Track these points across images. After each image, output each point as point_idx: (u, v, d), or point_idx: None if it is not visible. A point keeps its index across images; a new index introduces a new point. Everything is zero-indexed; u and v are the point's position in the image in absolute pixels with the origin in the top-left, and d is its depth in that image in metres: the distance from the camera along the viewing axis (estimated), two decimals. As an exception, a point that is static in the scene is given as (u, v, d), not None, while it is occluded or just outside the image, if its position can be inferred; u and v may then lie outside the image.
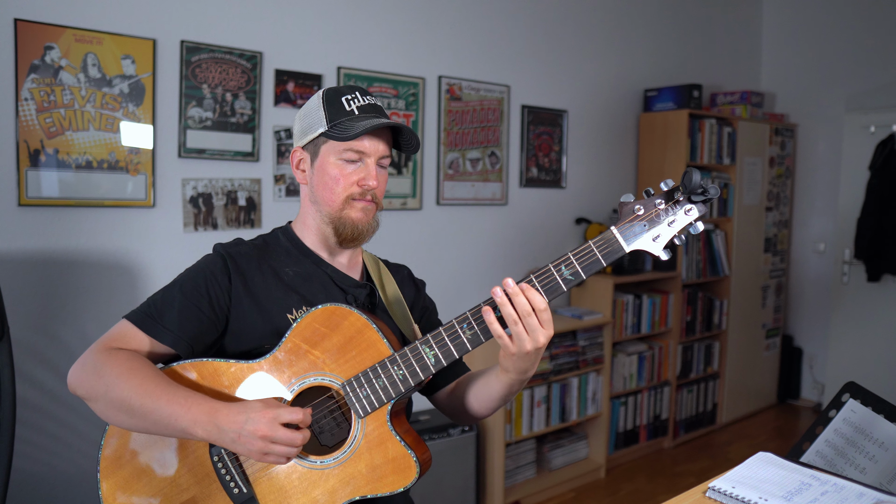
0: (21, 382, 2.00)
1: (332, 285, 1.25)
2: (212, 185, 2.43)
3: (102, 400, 1.07)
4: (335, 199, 1.21)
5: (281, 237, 1.29)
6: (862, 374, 3.85)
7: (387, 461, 1.07)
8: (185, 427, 1.03)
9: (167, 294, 1.16)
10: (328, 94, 1.22)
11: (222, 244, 1.24)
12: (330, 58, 2.69)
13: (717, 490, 0.90)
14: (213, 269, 1.18)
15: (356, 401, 1.08)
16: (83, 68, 2.15)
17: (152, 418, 1.04)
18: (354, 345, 1.10)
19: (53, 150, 2.12)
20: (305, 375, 1.10)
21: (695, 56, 4.27)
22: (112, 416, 1.08)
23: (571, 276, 1.02)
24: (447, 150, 3.06)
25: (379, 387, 1.07)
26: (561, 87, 3.51)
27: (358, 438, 1.08)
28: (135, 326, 1.13)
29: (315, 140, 1.23)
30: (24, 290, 2.10)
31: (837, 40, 4.35)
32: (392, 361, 1.08)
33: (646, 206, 1.00)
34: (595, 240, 1.01)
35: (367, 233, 1.23)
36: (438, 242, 3.06)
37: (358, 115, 1.20)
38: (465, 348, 1.06)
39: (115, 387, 1.05)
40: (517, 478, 3.12)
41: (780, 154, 4.36)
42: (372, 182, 1.20)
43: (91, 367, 1.09)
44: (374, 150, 1.21)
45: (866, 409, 1.15)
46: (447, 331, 1.06)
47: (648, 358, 3.63)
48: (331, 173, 1.20)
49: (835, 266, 4.20)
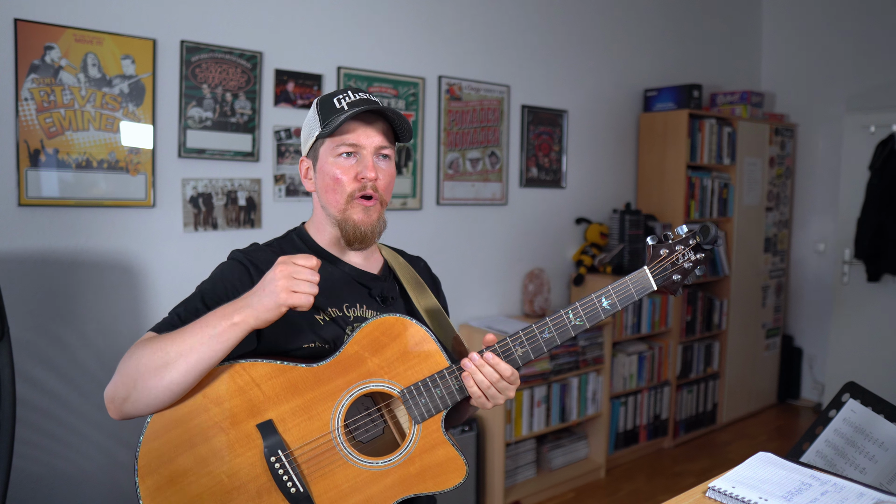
0: (21, 382, 2.00)
1: (353, 283, 1.26)
2: (212, 185, 2.43)
3: (140, 379, 1.03)
4: (338, 199, 1.21)
5: (296, 239, 1.30)
6: (862, 374, 3.85)
7: (440, 462, 1.16)
8: (223, 325, 1.03)
9: (189, 305, 1.15)
10: (321, 99, 1.24)
11: (240, 250, 1.23)
12: (330, 58, 2.69)
13: (717, 490, 0.90)
14: (233, 278, 1.18)
15: (414, 407, 1.14)
16: (83, 68, 2.15)
17: (192, 343, 1.02)
18: (413, 355, 1.15)
19: (53, 150, 2.12)
20: (365, 381, 1.14)
21: (695, 56, 4.27)
22: (159, 388, 1.03)
23: (615, 303, 1.16)
24: (447, 150, 3.06)
25: (437, 396, 1.15)
26: (561, 87, 3.51)
27: (414, 442, 1.15)
28: (157, 335, 1.11)
29: (314, 145, 1.24)
30: (24, 290, 2.10)
31: (837, 40, 4.35)
32: (451, 373, 1.15)
33: (669, 249, 1.17)
34: (630, 276, 1.17)
35: (371, 234, 1.23)
36: (438, 242, 3.06)
37: (347, 110, 1.19)
38: (517, 364, 1.16)
39: (143, 357, 1.04)
40: (517, 478, 3.12)
41: (780, 154, 4.36)
42: (369, 173, 1.19)
43: (117, 372, 1.07)
44: (368, 141, 1.21)
45: (866, 409, 1.15)
46: (501, 347, 1.15)
47: (648, 358, 3.63)
48: (330, 173, 1.21)
49: (835, 266, 4.20)
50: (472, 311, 3.19)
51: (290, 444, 1.11)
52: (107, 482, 2.27)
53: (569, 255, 3.63)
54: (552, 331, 1.15)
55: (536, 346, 1.15)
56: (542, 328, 1.15)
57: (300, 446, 1.12)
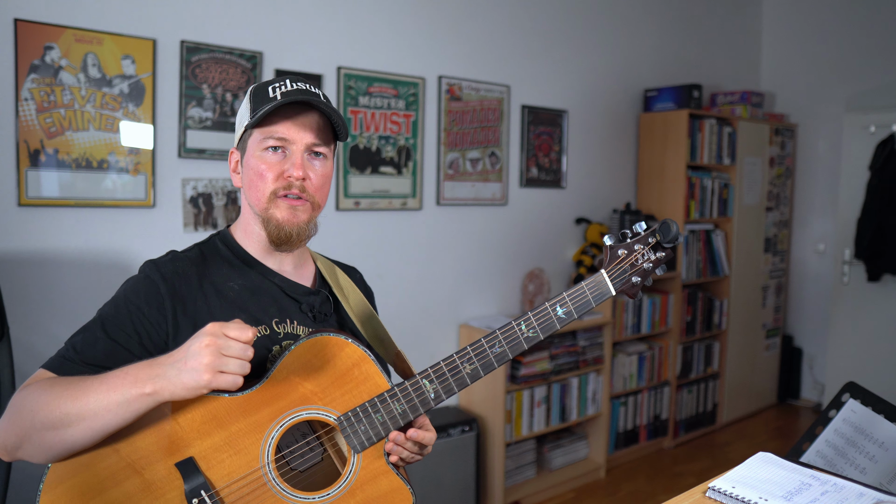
0: (21, 382, 2.00)
1: (283, 297, 1.14)
2: (212, 185, 2.43)
3: (33, 432, 0.92)
4: (260, 195, 1.09)
5: (220, 246, 1.16)
6: (862, 374, 3.85)
7: (383, 494, 1.06)
8: (133, 394, 0.89)
9: (88, 334, 1.02)
10: (256, 87, 1.13)
11: (153, 262, 1.09)
12: (330, 58, 2.69)
13: (717, 490, 0.90)
14: (139, 300, 1.04)
15: (353, 435, 1.04)
16: (83, 68, 2.15)
17: (92, 409, 0.90)
18: (351, 377, 1.05)
19: (53, 150, 2.12)
20: (297, 409, 1.04)
21: (695, 56, 4.27)
22: (52, 443, 0.92)
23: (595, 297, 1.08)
24: (447, 150, 3.06)
25: (378, 421, 1.05)
26: (561, 87, 3.51)
27: (354, 472, 1.06)
28: (50, 373, 0.98)
29: (243, 136, 1.13)
30: (24, 290, 2.10)
31: (837, 40, 4.35)
32: (392, 396, 1.05)
33: (627, 249, 1.08)
34: (587, 281, 1.08)
35: (295, 235, 1.10)
36: (438, 242, 3.06)
37: (280, 100, 1.07)
38: (464, 383, 1.06)
39: (38, 410, 0.91)
40: (517, 478, 3.12)
41: (780, 154, 4.36)
42: (295, 172, 1.07)
43: (7, 415, 0.95)
44: (298, 136, 1.08)
45: (866, 409, 1.15)
46: (448, 365, 1.06)
47: (648, 358, 3.63)
48: (254, 167, 1.09)
49: (835, 266, 4.20)
50: (472, 312, 3.19)
51: (214, 483, 1.00)
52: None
53: (569, 255, 3.63)
54: (503, 344, 1.05)
55: (486, 362, 1.05)
56: (493, 342, 1.05)
57: (227, 485, 1.00)
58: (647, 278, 1.09)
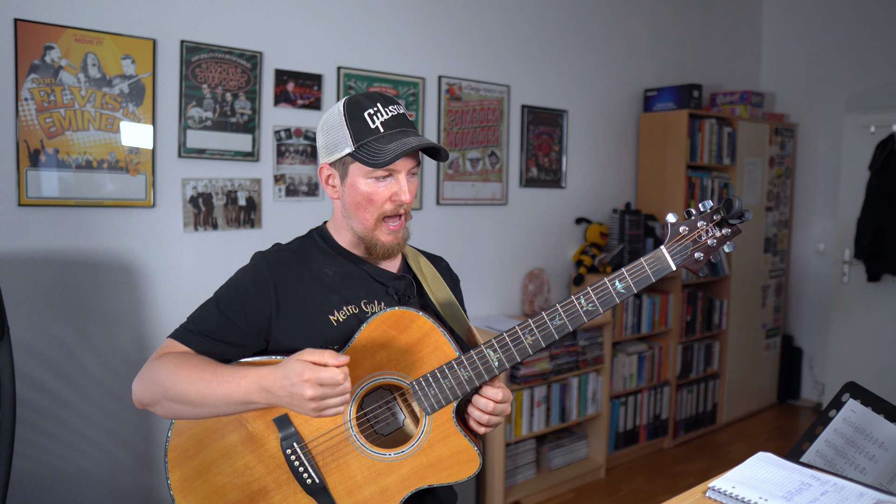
0: (21, 382, 2.00)
1: (371, 281, 1.27)
2: (212, 185, 2.43)
3: (164, 401, 1.13)
4: (368, 219, 1.21)
5: (317, 238, 1.31)
6: (862, 374, 3.85)
7: (452, 454, 1.17)
8: (243, 400, 1.09)
9: (205, 310, 1.20)
10: (350, 108, 1.19)
11: (262, 253, 1.25)
12: (330, 58, 2.69)
13: (717, 490, 0.90)
14: (248, 283, 1.20)
15: (424, 399, 1.16)
16: (83, 68, 2.15)
17: (212, 402, 1.10)
18: (422, 346, 1.16)
19: (53, 150, 2.12)
20: (374, 374, 1.16)
21: (695, 56, 4.27)
22: (179, 412, 1.14)
23: (636, 282, 1.12)
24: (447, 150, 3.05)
25: (447, 387, 1.15)
26: (561, 87, 3.51)
27: (426, 433, 1.17)
28: (176, 341, 1.18)
29: (343, 159, 1.21)
30: (24, 290, 2.10)
31: (837, 40, 4.35)
32: (459, 363, 1.15)
33: (690, 226, 1.11)
34: (646, 257, 1.11)
35: (397, 250, 1.25)
36: (438, 242, 3.06)
37: (384, 132, 1.17)
38: (526, 352, 1.15)
39: (169, 386, 1.11)
40: (517, 478, 3.12)
41: (780, 154, 4.36)
42: (405, 197, 1.20)
43: (147, 377, 1.15)
44: (404, 165, 1.19)
45: (866, 409, 1.15)
46: (510, 336, 1.15)
47: (648, 358, 3.63)
48: (362, 192, 1.20)
49: (835, 266, 4.20)
50: (472, 311, 3.19)
51: (305, 437, 1.15)
52: (107, 482, 2.27)
53: (569, 255, 3.63)
54: (563, 317, 1.13)
55: (546, 333, 1.14)
56: (553, 315, 1.13)
57: (315, 438, 1.15)
58: (712, 254, 1.11)
